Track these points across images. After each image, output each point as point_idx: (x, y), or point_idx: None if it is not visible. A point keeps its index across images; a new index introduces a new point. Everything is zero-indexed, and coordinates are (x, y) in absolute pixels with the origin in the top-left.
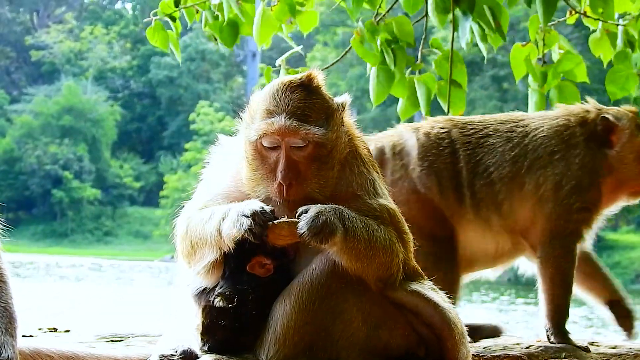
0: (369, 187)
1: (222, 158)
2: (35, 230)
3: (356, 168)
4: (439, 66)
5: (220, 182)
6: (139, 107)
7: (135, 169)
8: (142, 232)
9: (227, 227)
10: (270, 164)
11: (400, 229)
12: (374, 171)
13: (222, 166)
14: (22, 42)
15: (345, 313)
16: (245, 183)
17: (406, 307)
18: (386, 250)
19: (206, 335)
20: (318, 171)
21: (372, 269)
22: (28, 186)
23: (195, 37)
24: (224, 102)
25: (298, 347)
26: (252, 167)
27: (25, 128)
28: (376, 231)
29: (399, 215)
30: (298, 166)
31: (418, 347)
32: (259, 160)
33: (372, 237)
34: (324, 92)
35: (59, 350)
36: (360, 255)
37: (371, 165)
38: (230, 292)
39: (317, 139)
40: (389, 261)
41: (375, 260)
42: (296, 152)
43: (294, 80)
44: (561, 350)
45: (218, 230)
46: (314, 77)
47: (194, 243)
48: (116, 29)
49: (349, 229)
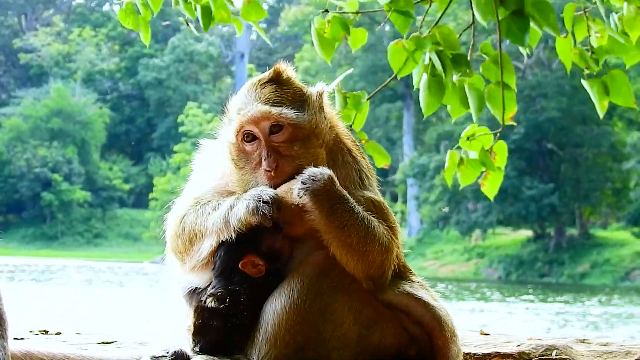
0: (354, 177)
1: (207, 160)
2: (25, 233)
3: (341, 158)
4: (487, 70)
5: (209, 180)
6: (127, 109)
7: (124, 171)
8: (132, 234)
9: (241, 213)
10: (254, 158)
11: (387, 220)
12: (361, 159)
13: (209, 166)
14: (10, 45)
15: (336, 313)
16: (236, 185)
17: (397, 307)
18: (382, 247)
19: (198, 336)
20: (302, 149)
21: (364, 264)
22: (17, 189)
23: (183, 38)
24: (212, 103)
25: (289, 347)
26: (238, 166)
27: (14, 131)
28: (376, 228)
29: (385, 206)
30: (280, 150)
31: (409, 347)
32: (243, 158)
33: (369, 227)
34: (296, 82)
35: (50, 352)
36: (352, 248)
37: (358, 154)
38: (222, 292)
39: (291, 120)
40: (382, 260)
41: (369, 255)
42: (275, 139)
43: (263, 77)
44: (552, 348)
45: (225, 219)
46: (282, 70)
47: (192, 237)
48: (104, 31)
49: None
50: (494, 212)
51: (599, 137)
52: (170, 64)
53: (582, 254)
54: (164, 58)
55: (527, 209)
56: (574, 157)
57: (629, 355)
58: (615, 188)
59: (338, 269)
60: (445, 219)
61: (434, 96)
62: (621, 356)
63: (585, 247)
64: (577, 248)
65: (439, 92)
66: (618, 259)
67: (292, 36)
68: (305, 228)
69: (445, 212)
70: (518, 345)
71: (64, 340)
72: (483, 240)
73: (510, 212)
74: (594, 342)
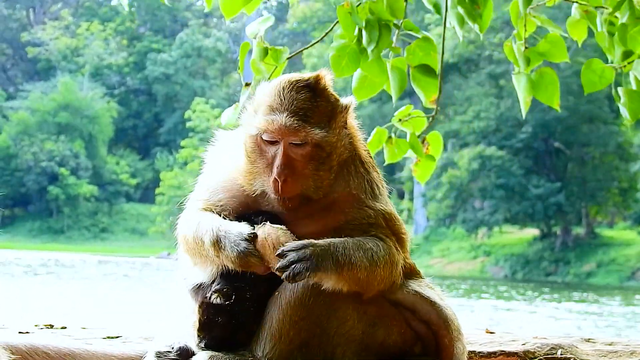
0: (366, 187)
1: (220, 153)
2: (31, 227)
3: (354, 169)
4: (412, 53)
5: (220, 176)
6: (135, 104)
7: (131, 165)
8: (138, 229)
9: (230, 263)
10: (268, 158)
11: (397, 231)
12: (373, 172)
13: (220, 161)
14: (18, 39)
15: (340, 310)
16: (243, 176)
17: (403, 305)
18: (387, 266)
19: (203, 332)
20: (315, 171)
21: (373, 287)
22: (24, 183)
23: (191, 33)
24: (220, 98)
25: (294, 343)
26: (250, 159)
27: (22, 125)
28: (376, 253)
29: (395, 217)
30: (295, 163)
31: (414, 344)
32: (257, 153)
33: (372, 261)
34: (330, 93)
35: (55, 347)
36: (361, 281)
37: (370, 166)
38: (228, 289)
39: (317, 140)
40: (390, 275)
41: (377, 279)
42: (295, 150)
43: (301, 80)
44: (557, 347)
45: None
46: (321, 78)
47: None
48: (112, 26)
49: (345, 264)
50: (501, 210)
51: (606, 136)
52: (178, 59)
53: (588, 253)
54: (172, 53)
55: (533, 207)
56: (580, 156)
57: (634, 355)
58: (621, 187)
59: None
60: (451, 216)
61: (351, 61)
62: (626, 355)
63: (592, 246)
64: (583, 247)
65: (356, 59)
66: (624, 258)
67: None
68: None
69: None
70: (523, 344)
71: (69, 335)
72: (489, 238)
73: (517, 210)
74: (599, 341)
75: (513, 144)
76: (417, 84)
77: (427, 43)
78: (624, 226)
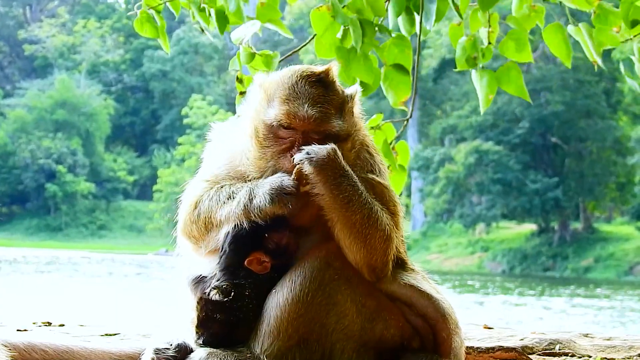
0: (369, 169)
1: (220, 142)
2: (29, 224)
3: (360, 154)
4: (387, 51)
5: (222, 161)
6: (132, 101)
7: (128, 162)
8: (135, 226)
9: (263, 204)
10: (284, 143)
11: (394, 212)
12: (376, 155)
13: (222, 148)
14: (15, 37)
15: (338, 305)
16: (251, 162)
17: (400, 299)
18: (383, 234)
19: (201, 329)
20: None
21: (361, 246)
22: (22, 180)
23: (188, 30)
24: (217, 95)
25: (292, 340)
26: (262, 145)
27: (19, 122)
28: (377, 214)
29: (391, 192)
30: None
31: (412, 338)
32: (271, 139)
33: (372, 215)
34: (337, 85)
35: (53, 344)
36: (354, 227)
37: (373, 149)
38: (227, 285)
39: (334, 132)
40: (382, 245)
41: (369, 238)
42: (312, 136)
43: (312, 74)
44: (555, 342)
45: (244, 208)
46: (330, 71)
47: (207, 223)
48: (109, 23)
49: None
50: (498, 205)
51: (604, 131)
52: (175, 56)
53: (586, 248)
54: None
55: (531, 202)
56: (578, 151)
57: (632, 350)
58: (619, 182)
59: (340, 261)
60: (449, 212)
61: (343, 66)
62: (624, 350)
63: (589, 241)
64: (581, 242)
65: (348, 61)
66: (622, 253)
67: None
68: (310, 215)
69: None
70: (521, 339)
71: (67, 332)
72: (487, 233)
73: (515, 205)
74: (597, 336)
75: (510, 139)
76: (389, 83)
77: (402, 41)
78: (621, 221)
